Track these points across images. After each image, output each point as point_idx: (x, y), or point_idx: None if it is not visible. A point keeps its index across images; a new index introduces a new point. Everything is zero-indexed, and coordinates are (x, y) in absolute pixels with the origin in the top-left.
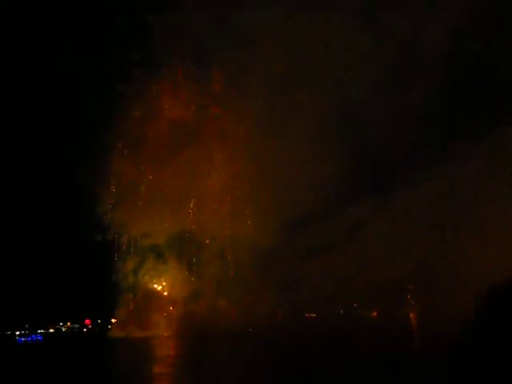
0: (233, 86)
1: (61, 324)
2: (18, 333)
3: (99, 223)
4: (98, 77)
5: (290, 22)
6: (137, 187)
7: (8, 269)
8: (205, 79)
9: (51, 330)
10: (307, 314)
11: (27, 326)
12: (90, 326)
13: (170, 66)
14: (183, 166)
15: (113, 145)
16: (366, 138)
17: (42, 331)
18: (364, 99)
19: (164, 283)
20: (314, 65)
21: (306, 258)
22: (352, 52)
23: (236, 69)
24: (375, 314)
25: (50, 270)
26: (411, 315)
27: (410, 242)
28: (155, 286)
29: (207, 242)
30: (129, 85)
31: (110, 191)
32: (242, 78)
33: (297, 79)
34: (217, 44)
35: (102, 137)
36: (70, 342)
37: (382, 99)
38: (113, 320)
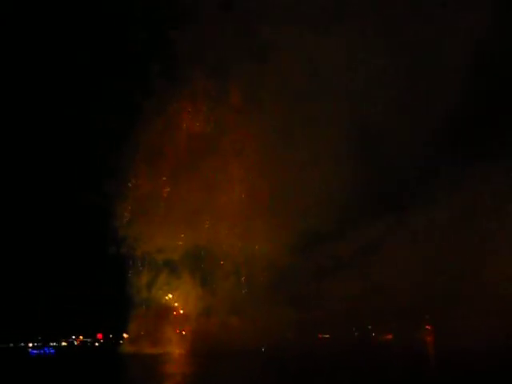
0: (250, 101)
1: (73, 337)
2: (30, 345)
3: (114, 236)
4: (118, 89)
5: (307, 36)
6: (153, 201)
7: (23, 281)
8: (223, 93)
9: (64, 344)
10: (320, 335)
11: (40, 339)
12: (102, 341)
13: (190, 79)
14: (200, 181)
15: (131, 158)
16: (382, 156)
17: (55, 344)
18: (380, 116)
19: (177, 299)
20: (330, 80)
21: (319, 277)
22: (368, 67)
23: (253, 83)
24: (390, 336)
25: (64, 282)
26: (428, 339)
27: (427, 264)
28: (168, 301)
29: (221, 262)
30: (149, 97)
31: (126, 204)
32: (259, 92)
33: (312, 95)
34: (235, 57)
35: (121, 149)
36: (81, 356)
37: (399, 116)
38: (125, 335)
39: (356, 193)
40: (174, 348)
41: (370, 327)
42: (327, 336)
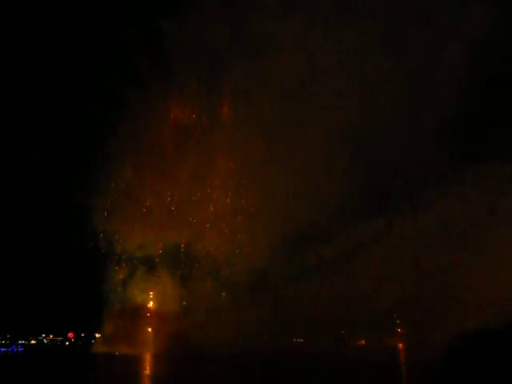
0: (242, 98)
1: (43, 336)
2: None
3: (92, 231)
4: (105, 80)
5: (306, 35)
6: (135, 198)
7: None
8: (215, 88)
9: (33, 342)
10: (294, 339)
11: (8, 336)
12: (73, 340)
13: (181, 72)
14: (183, 179)
15: (114, 151)
16: (374, 160)
17: (24, 342)
18: (376, 119)
19: (154, 298)
20: (328, 80)
21: (298, 281)
22: (366, 68)
23: (248, 80)
24: (363, 342)
25: (36, 278)
26: (399, 346)
27: (404, 271)
28: (144, 300)
29: (201, 262)
30: (136, 89)
31: (106, 198)
32: (254, 89)
33: (309, 95)
34: (229, 53)
35: (103, 143)
36: (49, 356)
37: (395, 119)
38: (97, 335)
39: (345, 195)
40: (148, 349)
41: (343, 332)
42: (301, 340)
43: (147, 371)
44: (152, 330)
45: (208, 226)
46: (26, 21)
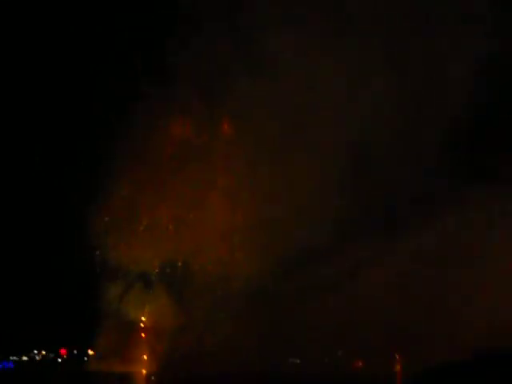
0: (243, 115)
1: (35, 352)
2: None
3: (86, 244)
4: (103, 92)
5: (308, 50)
6: (131, 212)
7: None
8: (215, 105)
9: (24, 358)
10: (291, 359)
11: None
12: (65, 356)
13: (181, 89)
14: (182, 192)
15: (111, 166)
16: (374, 178)
17: (15, 358)
18: (377, 137)
19: (150, 315)
20: (329, 95)
21: (296, 301)
22: (369, 83)
23: (248, 97)
24: (360, 363)
25: (26, 292)
26: (397, 368)
27: (405, 294)
28: (140, 317)
29: (198, 280)
30: (135, 104)
31: (102, 213)
32: (254, 106)
33: (309, 112)
34: (230, 70)
35: (100, 157)
36: (40, 373)
37: (395, 138)
38: (90, 352)
39: (348, 211)
40: (143, 367)
41: (339, 354)
42: (298, 361)
43: None
44: (147, 347)
45: (205, 242)
46: (23, 21)
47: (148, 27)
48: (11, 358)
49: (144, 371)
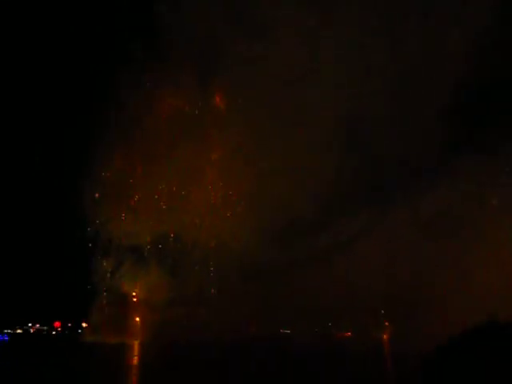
0: (238, 85)
1: (29, 325)
2: None
3: (80, 218)
4: (97, 65)
5: (305, 20)
6: (125, 183)
7: None
8: (210, 76)
9: (19, 331)
10: (281, 330)
11: None
12: (59, 329)
13: (176, 59)
14: (175, 165)
15: (104, 139)
16: (368, 149)
17: (9, 331)
18: (372, 107)
19: (142, 287)
20: (325, 68)
21: (287, 272)
22: (366, 56)
23: (244, 66)
24: (349, 334)
25: (20, 266)
26: (384, 337)
27: (394, 264)
28: (133, 289)
29: (191, 252)
30: (129, 75)
31: (95, 186)
32: (250, 75)
33: (305, 82)
34: (227, 38)
35: (93, 130)
36: (36, 345)
37: (390, 110)
38: (83, 324)
39: (338, 184)
40: (136, 338)
41: (330, 324)
42: (288, 331)
43: (135, 361)
44: (140, 318)
45: (198, 215)
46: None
47: None
48: (5, 331)
49: (136, 342)
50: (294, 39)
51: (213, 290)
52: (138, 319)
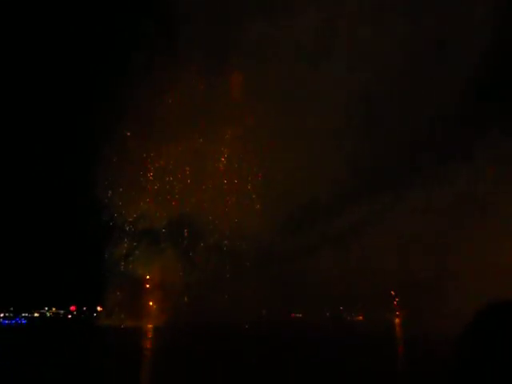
0: (253, 64)
1: (46, 309)
2: (1, 315)
3: (94, 202)
4: (108, 43)
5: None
6: (138, 168)
7: None
8: (224, 56)
9: (36, 315)
10: (293, 314)
11: (12, 309)
12: (75, 313)
13: (189, 37)
14: (189, 149)
15: (117, 122)
16: (382, 131)
17: (27, 315)
18: (390, 88)
19: (157, 271)
20: (343, 45)
21: (300, 256)
22: (380, 39)
23: (261, 43)
24: (361, 317)
25: (37, 251)
26: (396, 321)
27: (406, 249)
28: (147, 273)
29: (205, 236)
30: (140, 54)
31: (110, 170)
32: (266, 53)
33: (322, 62)
34: (243, 15)
35: (105, 112)
36: (53, 329)
37: (403, 91)
38: (98, 308)
39: (353, 169)
40: (151, 322)
41: (341, 308)
42: (300, 315)
43: (149, 345)
44: (155, 302)
45: (213, 198)
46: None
47: None
48: (23, 314)
49: (150, 326)
50: (312, 16)
51: (227, 275)
52: (151, 303)
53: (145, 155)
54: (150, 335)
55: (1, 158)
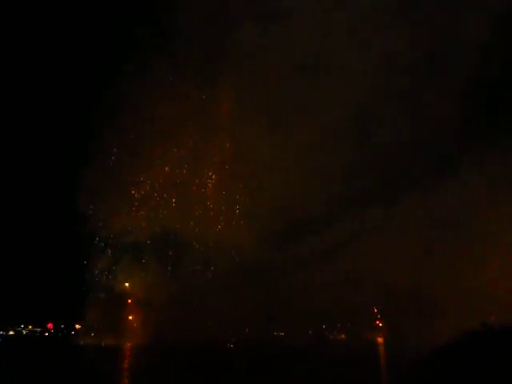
0: (247, 69)
1: (22, 326)
2: None
3: (75, 213)
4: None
5: (319, 2)
6: (121, 180)
7: None
8: (218, 59)
9: (11, 333)
10: (275, 333)
11: None
12: (52, 331)
13: (184, 38)
14: (176, 163)
15: (101, 131)
16: (374, 149)
17: (1, 333)
18: (387, 96)
19: (139, 287)
20: (339, 52)
21: (284, 274)
22: (380, 42)
23: (255, 47)
24: (343, 336)
25: (12, 265)
26: (379, 340)
27: (387, 267)
28: (129, 289)
29: (190, 251)
30: (133, 57)
31: (92, 181)
32: (261, 58)
33: (318, 68)
34: (239, 18)
35: (90, 120)
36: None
37: (398, 106)
38: (77, 326)
39: (345, 183)
40: (132, 340)
41: (324, 327)
42: (282, 334)
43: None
44: (136, 320)
45: (199, 210)
46: None
47: None
48: None
49: (129, 344)
50: (308, 22)
51: (209, 291)
52: (132, 319)
53: (129, 168)
54: (127, 354)
55: None
